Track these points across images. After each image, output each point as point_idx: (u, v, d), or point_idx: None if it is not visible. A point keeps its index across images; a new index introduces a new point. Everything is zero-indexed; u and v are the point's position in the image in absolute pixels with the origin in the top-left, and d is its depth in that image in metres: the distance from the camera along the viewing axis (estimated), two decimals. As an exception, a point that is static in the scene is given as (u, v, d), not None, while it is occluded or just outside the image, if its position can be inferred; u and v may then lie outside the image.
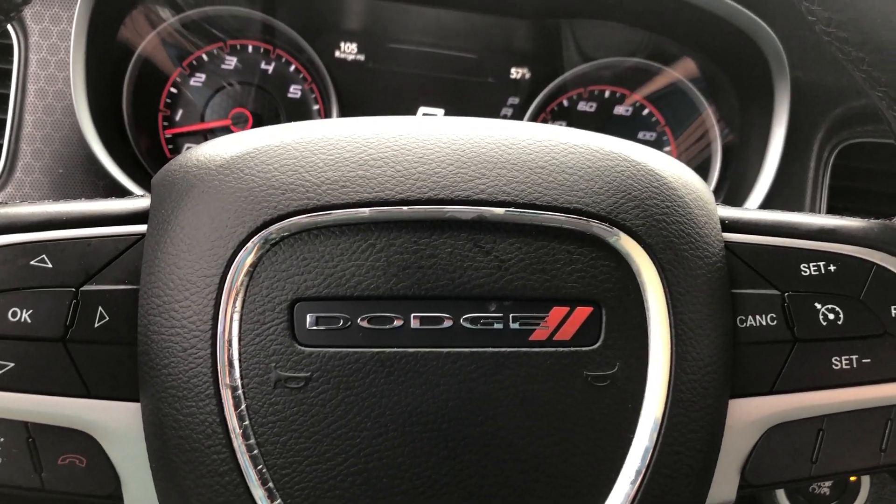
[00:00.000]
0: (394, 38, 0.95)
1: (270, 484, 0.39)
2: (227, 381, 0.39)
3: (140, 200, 0.45)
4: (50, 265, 0.42)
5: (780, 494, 0.81)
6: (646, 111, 0.98)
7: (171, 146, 0.90)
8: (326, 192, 0.41)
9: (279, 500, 0.39)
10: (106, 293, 0.42)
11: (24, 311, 0.41)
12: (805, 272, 0.46)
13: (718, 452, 0.44)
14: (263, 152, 0.42)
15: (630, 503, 0.41)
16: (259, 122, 0.91)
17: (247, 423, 0.39)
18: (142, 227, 0.43)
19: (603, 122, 0.97)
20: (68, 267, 0.42)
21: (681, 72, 0.96)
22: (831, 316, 0.46)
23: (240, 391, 0.40)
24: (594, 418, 0.42)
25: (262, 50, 0.92)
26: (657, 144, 0.98)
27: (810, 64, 0.85)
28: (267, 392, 0.40)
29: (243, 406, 0.40)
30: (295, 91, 0.93)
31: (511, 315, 0.41)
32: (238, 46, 0.91)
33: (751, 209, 0.51)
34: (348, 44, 0.94)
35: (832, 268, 0.47)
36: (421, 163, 0.42)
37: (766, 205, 0.85)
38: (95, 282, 0.42)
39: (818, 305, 0.46)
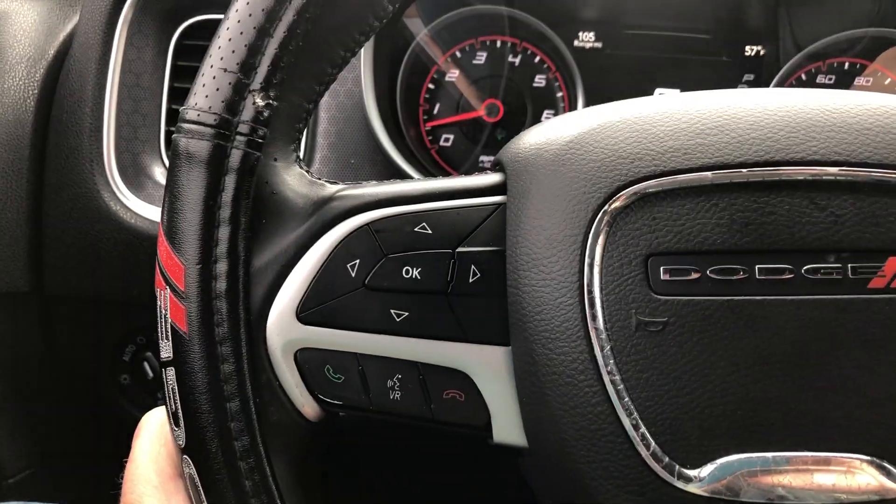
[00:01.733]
0: (628, 24, 1.00)
1: (636, 414, 0.46)
2: (595, 325, 0.46)
3: (494, 175, 0.52)
4: (430, 231, 0.50)
5: None
6: (888, 80, 0.97)
7: (430, 137, 1.00)
8: (671, 159, 0.46)
9: (643, 429, 0.45)
10: (477, 254, 0.50)
11: (415, 269, 0.50)
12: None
13: None
14: (608, 127, 0.48)
15: None
16: (509, 111, 0.98)
17: (612, 361, 0.46)
18: (501, 198, 0.51)
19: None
20: (445, 232, 0.50)
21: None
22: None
23: (604, 334, 0.46)
24: None
25: (508, 44, 0.99)
26: None
27: None
28: (629, 335, 0.46)
29: (608, 347, 0.46)
30: (540, 80, 0.99)
31: (849, 265, 0.45)
32: (487, 42, 0.99)
33: None
34: (586, 33, 0.99)
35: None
36: (754, 129, 0.46)
37: None
38: (467, 244, 0.50)
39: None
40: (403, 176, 0.85)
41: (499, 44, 0.99)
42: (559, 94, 0.99)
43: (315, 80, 0.51)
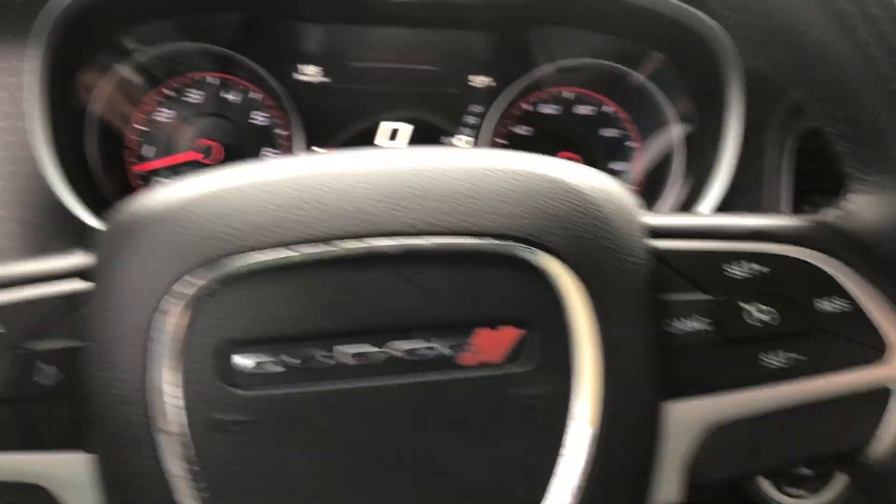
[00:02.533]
0: (355, 57, 0.97)
1: None
2: (165, 428, 0.41)
3: (86, 257, 0.46)
4: (3, 329, 0.44)
5: (761, 479, 0.82)
6: (609, 109, 0.99)
7: (143, 183, 0.92)
8: (254, 238, 0.42)
9: None
10: (50, 353, 0.44)
11: None
12: (734, 274, 0.48)
13: (656, 457, 0.46)
14: (191, 202, 0.43)
15: None
16: (227, 150, 0.93)
17: (193, 467, 0.41)
18: (89, 284, 0.45)
19: (567, 122, 0.98)
20: (21, 328, 0.44)
21: (640, 70, 0.97)
22: (761, 315, 0.47)
23: (180, 438, 0.41)
24: (527, 437, 0.43)
25: (223, 80, 0.93)
26: (622, 141, 0.99)
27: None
28: (208, 436, 0.41)
29: (183, 451, 0.41)
30: (259, 118, 0.94)
31: (439, 342, 0.43)
32: (199, 79, 0.93)
33: (679, 215, 0.52)
34: (310, 66, 0.96)
35: (761, 268, 0.48)
36: (343, 199, 0.43)
37: (729, 194, 0.85)
38: (41, 339, 0.44)
39: (747, 306, 0.47)
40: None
41: (210, 80, 0.93)
42: (279, 132, 0.94)
43: None
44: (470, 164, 0.46)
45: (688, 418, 0.47)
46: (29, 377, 0.43)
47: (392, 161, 0.46)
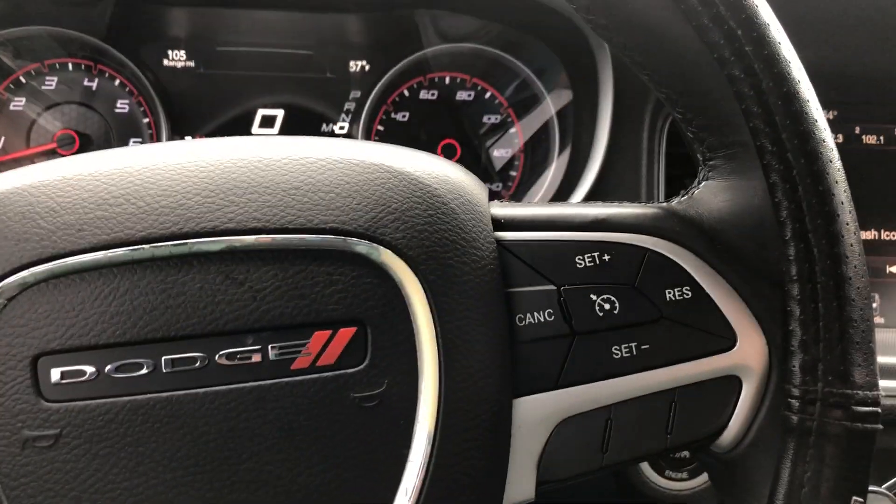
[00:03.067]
0: (223, 41, 0.93)
1: None
2: None
3: None
4: None
5: (645, 463, 0.83)
6: (488, 94, 0.98)
7: (-5, 175, 0.87)
8: (62, 239, 0.39)
9: None
10: None
11: None
12: (580, 264, 0.47)
13: (506, 455, 0.45)
14: (2, 198, 0.40)
15: None
16: (87, 141, 0.88)
17: None
18: None
19: (447, 108, 0.97)
20: None
21: (518, 55, 0.96)
22: (607, 306, 0.47)
23: None
24: (366, 440, 0.42)
25: (83, 66, 0.88)
26: (503, 126, 0.98)
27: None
28: (16, 454, 0.38)
29: None
30: (122, 106, 0.90)
31: (270, 346, 0.41)
32: (57, 65, 0.88)
33: (528, 205, 0.51)
34: (176, 51, 0.91)
35: (606, 257, 0.47)
36: (165, 196, 0.41)
37: (607, 178, 0.86)
38: None
39: (594, 297, 0.46)
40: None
41: (71, 66, 0.88)
42: (144, 121, 0.90)
43: None
44: (304, 153, 0.44)
45: (539, 414, 0.46)
46: None
47: (219, 152, 0.43)
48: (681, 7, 0.42)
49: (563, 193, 0.91)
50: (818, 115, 0.43)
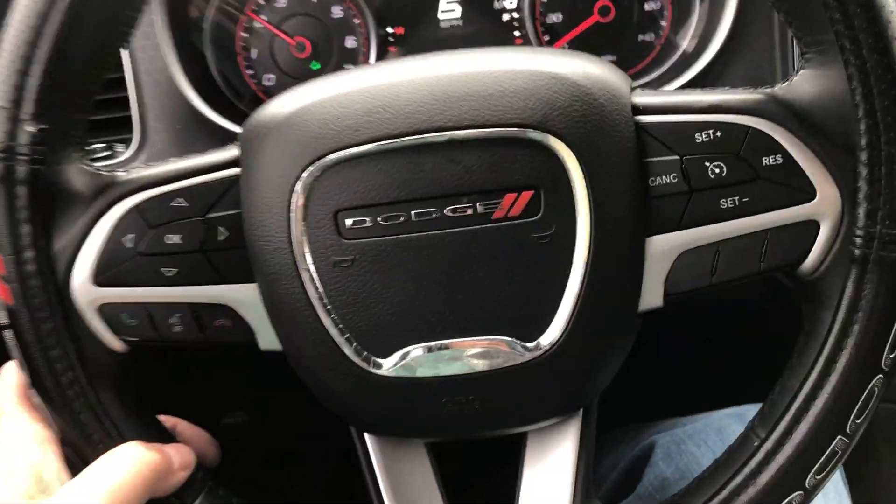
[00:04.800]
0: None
1: (341, 325, 0.63)
2: (305, 266, 0.63)
3: (232, 150, 0.66)
4: (186, 204, 0.65)
5: None
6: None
7: (254, 80, 1.13)
8: (347, 136, 0.61)
9: (348, 334, 0.63)
10: (222, 217, 0.65)
11: (175, 235, 0.65)
12: (698, 139, 0.63)
13: (641, 274, 0.64)
14: (301, 111, 0.63)
15: (571, 313, 0.63)
16: (314, 44, 1.11)
17: (321, 290, 0.63)
18: (237, 170, 0.65)
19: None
20: (197, 203, 0.65)
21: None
22: (717, 170, 0.63)
23: (313, 273, 0.63)
24: (542, 263, 0.62)
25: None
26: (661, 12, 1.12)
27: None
28: (329, 270, 0.63)
29: (317, 280, 0.63)
30: (337, 11, 1.11)
31: (478, 203, 0.62)
32: (285, -15, 1.10)
33: (661, 93, 0.67)
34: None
35: (718, 134, 0.63)
36: (407, 104, 0.61)
37: (739, 22, 0.99)
38: (215, 210, 0.65)
39: (707, 163, 0.63)
40: (222, 131, 0.99)
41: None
42: (356, 22, 1.11)
43: (81, 95, 0.65)
44: (491, 67, 0.62)
45: (664, 248, 0.64)
46: (210, 236, 0.65)
47: (438, 69, 0.63)
48: None
49: (704, 40, 1.04)
50: (892, 17, 0.56)
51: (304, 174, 0.62)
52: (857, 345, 0.61)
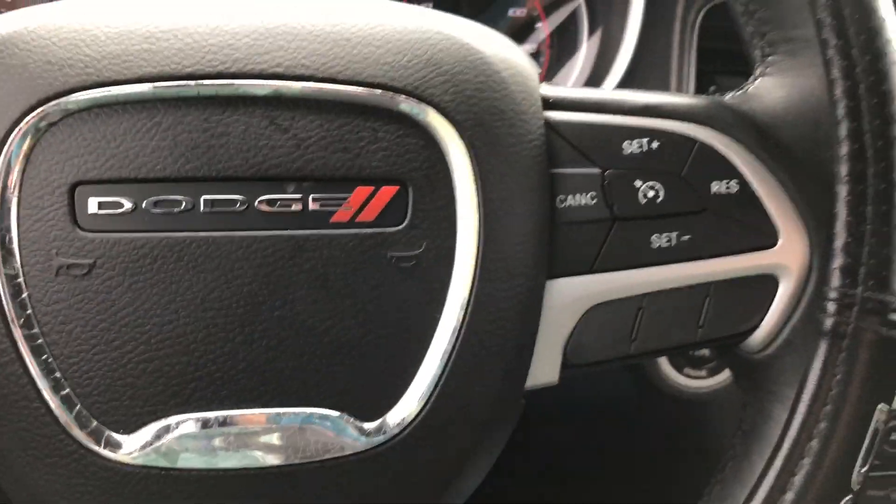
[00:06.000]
0: None
1: (58, 373, 0.38)
2: (7, 269, 0.38)
3: None
4: None
5: (664, 360, 0.84)
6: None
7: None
8: (107, 68, 0.38)
9: (67, 390, 0.38)
10: None
11: None
12: (627, 150, 0.46)
13: (535, 333, 0.45)
14: (41, 27, 0.39)
15: (437, 381, 0.41)
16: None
17: (29, 311, 0.38)
18: None
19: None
20: None
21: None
22: (651, 193, 0.46)
23: (20, 279, 0.38)
24: (400, 299, 0.41)
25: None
26: (529, 18, 0.97)
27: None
28: (49, 280, 0.38)
29: (24, 294, 0.38)
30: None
31: (311, 196, 0.40)
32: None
33: (578, 88, 0.50)
34: None
35: (654, 144, 0.46)
36: (213, 34, 0.40)
37: (635, 71, 0.85)
38: None
39: (638, 183, 0.46)
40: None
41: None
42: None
43: None
44: (360, 7, 0.42)
45: (570, 297, 0.46)
46: None
47: None
48: None
49: (593, 82, 0.90)
50: (888, 13, 0.42)
51: (26, 120, 0.38)
52: (821, 453, 0.43)
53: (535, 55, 0.96)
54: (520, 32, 0.96)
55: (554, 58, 0.97)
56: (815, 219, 0.46)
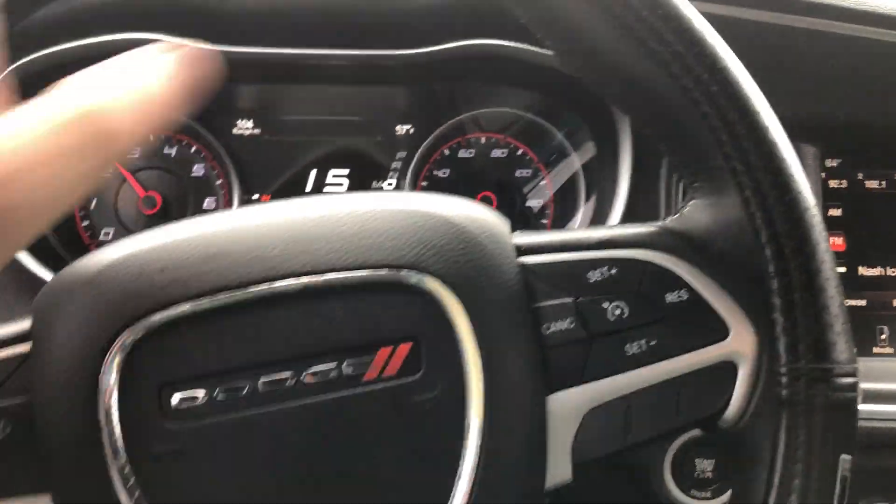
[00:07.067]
0: (285, 111, 1.05)
1: None
2: (117, 465, 0.47)
3: (25, 322, 0.52)
4: None
5: (669, 479, 0.90)
6: (520, 151, 1.09)
7: (88, 233, 0.99)
8: (172, 291, 0.49)
9: None
10: (3, 409, 0.49)
11: None
12: (591, 278, 0.55)
13: (545, 441, 0.53)
14: (115, 264, 0.50)
15: (470, 495, 0.50)
16: (166, 202, 1.00)
17: (138, 493, 0.47)
18: (27, 346, 0.50)
19: (483, 164, 1.08)
20: None
21: (548, 118, 1.08)
22: (618, 311, 0.55)
23: (127, 469, 0.48)
24: (425, 434, 0.51)
25: (162, 136, 1.01)
26: (533, 178, 1.09)
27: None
28: (149, 467, 0.48)
29: (132, 481, 0.47)
30: (198, 170, 1.02)
31: (345, 362, 0.50)
32: (141, 136, 1.00)
33: (544, 232, 0.60)
34: (244, 121, 1.04)
35: (613, 271, 0.55)
36: (252, 249, 0.50)
37: (629, 212, 0.96)
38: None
39: (605, 304, 0.55)
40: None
41: (151, 137, 1.00)
42: (217, 182, 1.02)
43: None
44: (356, 207, 0.53)
45: (569, 406, 0.54)
46: None
47: (288, 213, 0.53)
48: (655, 60, 0.50)
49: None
50: (779, 136, 0.51)
51: (118, 341, 0.48)
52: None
53: (543, 209, 1.09)
54: (528, 191, 1.10)
55: (557, 213, 1.10)
56: (756, 310, 0.54)
